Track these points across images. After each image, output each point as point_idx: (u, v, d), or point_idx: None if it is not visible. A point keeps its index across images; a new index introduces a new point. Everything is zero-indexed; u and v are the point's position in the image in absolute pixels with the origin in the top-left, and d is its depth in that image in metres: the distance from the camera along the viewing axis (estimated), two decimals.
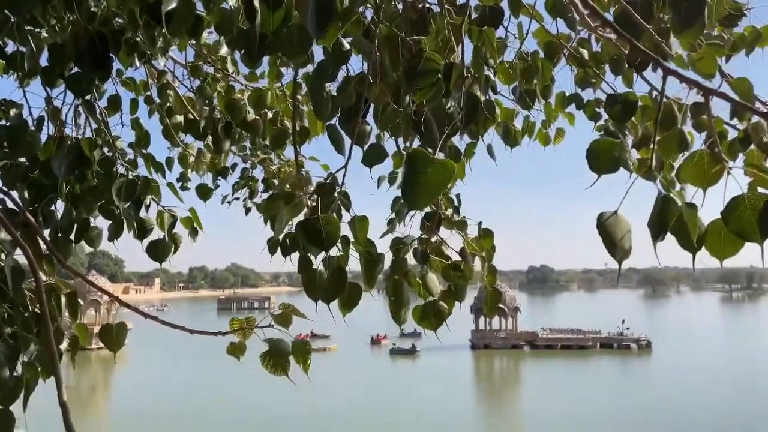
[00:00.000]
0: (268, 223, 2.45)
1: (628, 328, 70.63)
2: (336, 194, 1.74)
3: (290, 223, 2.27)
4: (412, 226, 2.30)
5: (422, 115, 1.68)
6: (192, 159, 3.26)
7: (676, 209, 1.12)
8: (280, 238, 2.04)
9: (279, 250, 2.07)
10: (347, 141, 1.92)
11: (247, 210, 3.50)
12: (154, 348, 73.20)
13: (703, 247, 1.21)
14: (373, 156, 1.70)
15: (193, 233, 2.55)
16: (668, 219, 1.13)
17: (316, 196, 1.70)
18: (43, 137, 2.41)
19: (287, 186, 1.77)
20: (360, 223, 1.85)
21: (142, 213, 2.44)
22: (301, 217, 1.73)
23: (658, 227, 1.16)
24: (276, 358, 1.96)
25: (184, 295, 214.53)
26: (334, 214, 1.74)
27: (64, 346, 1.77)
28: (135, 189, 2.19)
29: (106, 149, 2.48)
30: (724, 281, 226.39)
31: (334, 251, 2.13)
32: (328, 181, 1.74)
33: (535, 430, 34.01)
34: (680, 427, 33.36)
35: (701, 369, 53.13)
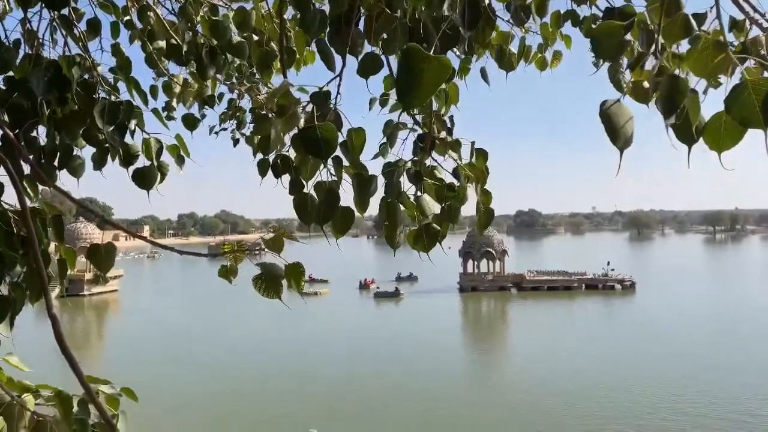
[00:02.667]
0: (257, 153, 2.40)
1: (613, 270, 72.17)
2: (331, 104, 1.69)
3: (278, 148, 2.22)
4: (404, 150, 2.26)
5: (419, 23, 1.61)
6: (177, 89, 3.17)
7: (686, 87, 1.10)
8: (271, 159, 2.00)
9: (270, 171, 2.03)
10: (338, 59, 1.86)
11: (236, 141, 3.43)
12: (145, 294, 73.96)
13: (701, 140, 1.19)
14: (369, 65, 1.63)
15: (180, 161, 2.49)
16: (678, 96, 1.10)
17: (309, 111, 1.65)
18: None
19: (276, 98, 1.70)
20: (357, 135, 1.81)
21: (127, 139, 2.37)
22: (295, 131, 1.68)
23: (668, 106, 1.13)
24: (269, 281, 1.95)
25: (174, 242, 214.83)
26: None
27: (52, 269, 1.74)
28: (118, 112, 2.12)
29: (87, 76, 2.40)
30: (708, 223, 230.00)
31: (324, 175, 2.10)
32: (322, 90, 1.68)
33: (521, 367, 35.14)
34: (663, 361, 34.61)
35: (683, 307, 54.72)
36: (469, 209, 2.36)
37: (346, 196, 2.11)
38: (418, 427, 24.91)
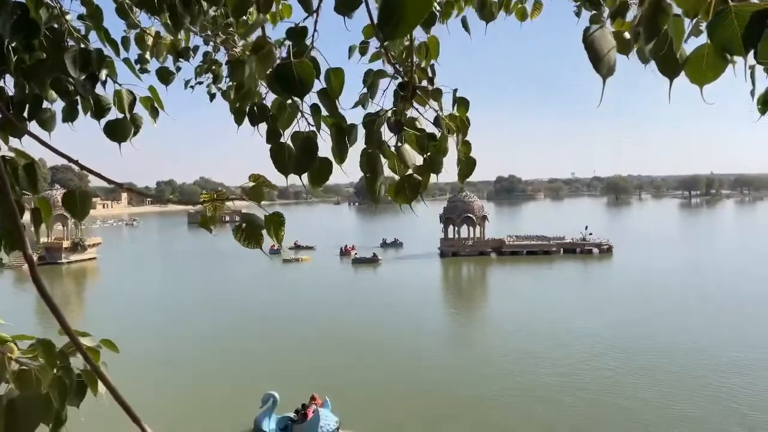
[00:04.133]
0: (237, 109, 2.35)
1: (591, 234, 73.29)
2: (309, 41, 1.65)
3: (255, 95, 2.17)
4: (384, 100, 2.23)
5: None
6: (150, 41, 3.07)
7: (669, 9, 1.09)
8: (247, 106, 1.96)
9: (247, 119, 1.99)
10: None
11: (212, 96, 3.35)
12: (125, 261, 73.34)
13: (683, 74, 1.18)
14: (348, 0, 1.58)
15: (154, 113, 2.43)
16: (661, 17, 1.09)
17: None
18: None
19: (251, 32, 1.66)
20: (335, 75, 1.78)
21: (99, 90, 2.31)
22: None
23: (651, 29, 1.13)
24: (249, 230, 1.94)
25: (153, 209, 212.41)
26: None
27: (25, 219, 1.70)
28: (89, 59, 2.05)
29: (55, 25, 2.31)
30: (684, 188, 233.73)
31: (303, 125, 2.07)
32: (298, 26, 1.64)
33: (500, 329, 35.86)
34: (637, 320, 35.57)
35: (658, 270, 56.02)
36: (450, 165, 2.36)
37: (325, 146, 2.09)
38: (395, 386, 25.40)
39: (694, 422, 21.27)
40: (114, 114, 2.36)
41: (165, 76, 3.01)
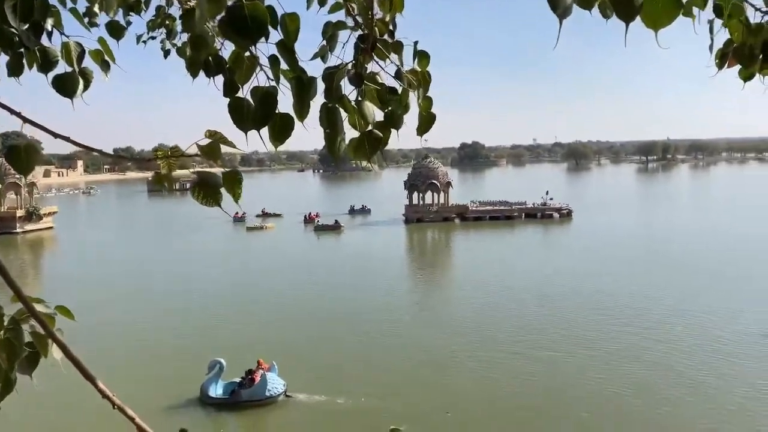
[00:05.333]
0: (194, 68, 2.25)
1: (551, 199, 74.75)
2: None
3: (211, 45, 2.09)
4: (345, 54, 2.18)
5: None
6: None
7: None
8: (202, 57, 1.88)
9: (203, 72, 1.91)
10: None
11: (166, 53, 3.21)
12: (82, 230, 71.47)
13: (639, 18, 1.18)
14: None
15: (105, 67, 2.31)
16: None
17: None
18: None
19: None
20: (290, 19, 1.72)
21: (45, 42, 2.18)
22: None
23: None
24: (206, 188, 1.88)
25: (111, 177, 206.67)
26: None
27: None
28: (32, 7, 1.93)
29: None
30: (641, 153, 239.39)
31: (263, 80, 2.00)
32: None
33: (461, 292, 36.59)
34: (595, 278, 36.76)
35: (614, 232, 57.78)
36: (413, 126, 2.33)
37: (287, 104, 2.04)
38: (350, 351, 25.73)
39: (641, 358, 22.36)
40: (63, 68, 2.25)
41: (116, 30, 2.86)
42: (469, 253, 52.33)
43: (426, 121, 2.05)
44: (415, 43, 1.97)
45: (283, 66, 1.97)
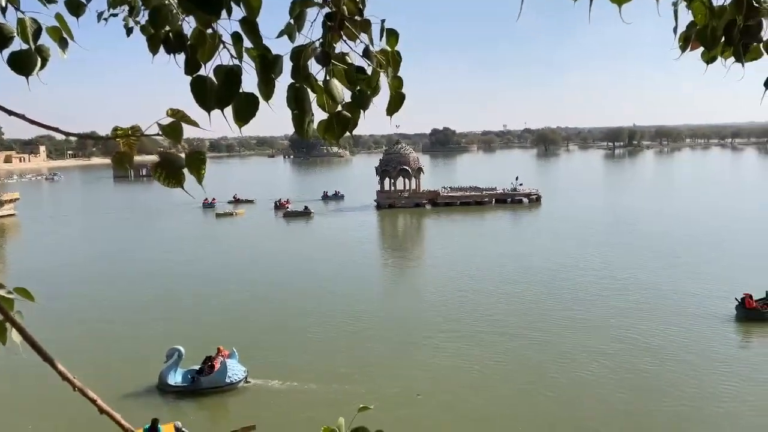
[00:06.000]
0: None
1: (521, 184, 75.57)
2: None
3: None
4: (312, 32, 2.14)
5: None
6: None
7: None
8: (162, 32, 1.82)
9: (163, 48, 1.85)
10: None
11: (129, 30, 3.10)
12: (45, 218, 69.63)
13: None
14: None
15: (63, 44, 2.23)
16: None
17: None
18: None
19: None
20: None
21: None
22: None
23: None
24: (168, 169, 1.83)
25: (75, 163, 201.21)
26: None
27: None
28: None
29: None
30: (609, 139, 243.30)
31: (226, 59, 1.95)
32: None
33: (435, 274, 36.88)
34: (561, 260, 37.47)
35: (582, 216, 58.80)
36: (381, 103, 2.30)
37: (254, 82, 1.99)
38: (314, 335, 25.76)
39: (608, 331, 22.96)
40: (18, 46, 2.16)
41: (75, 6, 2.74)
42: (440, 238, 52.67)
43: (396, 101, 2.03)
44: (383, 21, 1.94)
45: (248, 45, 1.93)
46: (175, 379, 20.62)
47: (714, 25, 1.98)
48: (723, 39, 2.00)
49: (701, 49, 2.12)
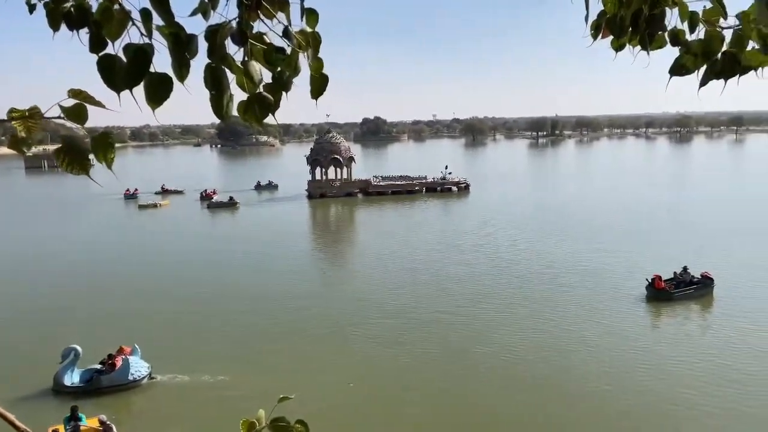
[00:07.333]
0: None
1: (450, 173, 76.96)
2: None
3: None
4: (228, 10, 2.06)
5: None
6: None
7: None
8: (64, 6, 1.70)
9: (65, 25, 1.72)
10: None
11: (32, 8, 2.89)
12: None
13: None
14: None
15: None
16: None
17: None
18: None
19: None
20: None
21: None
22: None
23: None
24: (72, 154, 1.72)
25: None
26: None
27: None
28: None
29: None
30: (533, 129, 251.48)
31: (135, 35, 1.85)
32: None
33: (365, 261, 37.05)
34: (489, 245, 38.58)
35: (509, 203, 60.72)
36: (303, 82, 2.25)
37: (168, 62, 1.90)
38: (223, 329, 25.39)
39: (534, 309, 23.97)
40: None
41: None
42: (371, 226, 52.88)
43: (318, 83, 1.99)
44: (302, 1, 1.89)
45: (161, 22, 1.83)
46: (73, 379, 19.82)
47: (622, 14, 2.06)
48: (630, 28, 2.09)
49: (612, 37, 2.21)
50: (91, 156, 1.81)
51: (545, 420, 17.53)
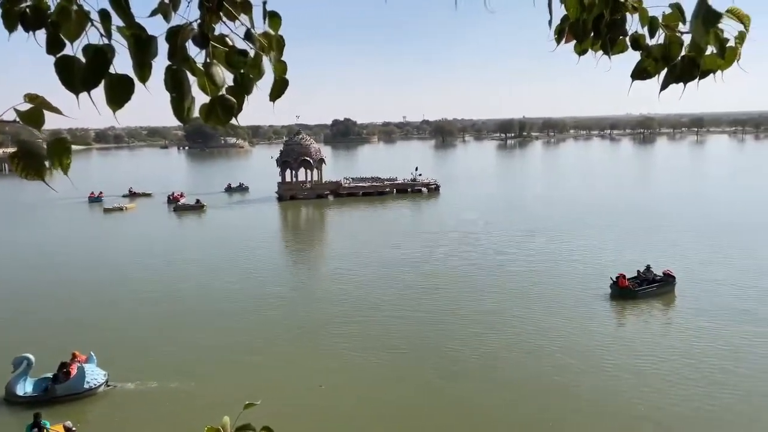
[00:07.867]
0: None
1: (420, 175, 77.33)
2: None
3: None
4: (190, 12, 2.02)
5: None
6: None
7: None
8: (20, 6, 1.64)
9: (20, 25, 1.66)
10: None
11: None
12: None
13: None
14: None
15: None
16: None
17: None
18: None
19: None
20: None
21: None
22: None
23: None
24: (27, 159, 1.66)
25: None
26: None
27: None
28: None
29: None
30: (501, 130, 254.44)
31: (94, 35, 1.80)
32: None
33: (336, 262, 36.94)
34: (460, 246, 38.93)
35: (478, 203, 61.36)
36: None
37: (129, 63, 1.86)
38: (181, 333, 25.06)
39: (502, 301, 24.26)
40: None
41: None
42: (341, 228, 52.79)
43: (279, 86, 1.98)
44: (264, 2, 1.87)
45: (121, 23, 1.79)
46: (26, 389, 19.26)
47: (585, 19, 2.09)
48: (593, 33, 2.13)
49: (575, 41, 2.24)
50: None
51: (519, 419, 17.72)
